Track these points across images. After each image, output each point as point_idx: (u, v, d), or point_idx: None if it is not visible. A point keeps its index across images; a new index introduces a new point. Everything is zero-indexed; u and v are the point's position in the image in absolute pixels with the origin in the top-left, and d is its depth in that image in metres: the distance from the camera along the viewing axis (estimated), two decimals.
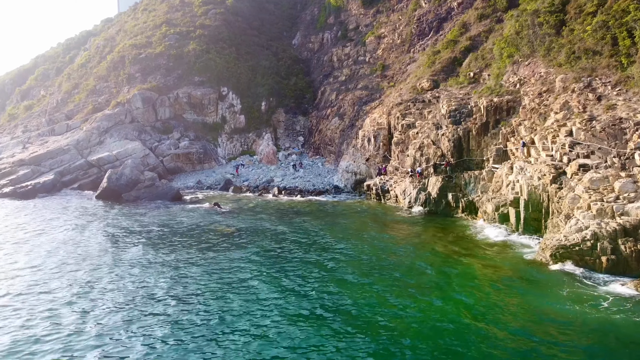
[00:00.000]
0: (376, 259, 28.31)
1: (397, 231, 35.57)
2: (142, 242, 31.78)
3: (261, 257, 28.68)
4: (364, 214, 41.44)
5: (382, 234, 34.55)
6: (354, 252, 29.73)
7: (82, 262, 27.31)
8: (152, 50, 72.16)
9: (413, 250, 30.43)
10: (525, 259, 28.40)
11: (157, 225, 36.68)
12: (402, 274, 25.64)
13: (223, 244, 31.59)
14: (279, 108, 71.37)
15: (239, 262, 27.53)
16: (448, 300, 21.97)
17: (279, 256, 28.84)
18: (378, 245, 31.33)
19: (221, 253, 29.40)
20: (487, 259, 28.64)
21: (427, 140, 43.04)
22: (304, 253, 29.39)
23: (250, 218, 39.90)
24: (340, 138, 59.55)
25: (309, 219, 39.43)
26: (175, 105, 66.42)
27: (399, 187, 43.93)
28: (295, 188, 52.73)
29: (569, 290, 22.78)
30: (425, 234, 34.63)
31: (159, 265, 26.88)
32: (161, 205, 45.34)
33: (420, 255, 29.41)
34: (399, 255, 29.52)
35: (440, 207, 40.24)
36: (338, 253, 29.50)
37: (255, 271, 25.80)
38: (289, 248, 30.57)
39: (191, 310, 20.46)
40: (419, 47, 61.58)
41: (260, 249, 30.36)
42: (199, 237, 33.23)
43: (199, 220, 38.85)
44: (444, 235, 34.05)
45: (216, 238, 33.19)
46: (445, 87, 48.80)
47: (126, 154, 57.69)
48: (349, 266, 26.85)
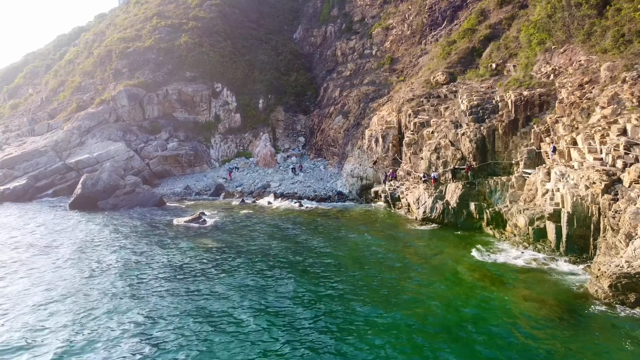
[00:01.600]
0: (389, 291, 22.59)
1: (411, 250, 29.77)
2: (98, 268, 26.18)
3: (245, 287, 23.02)
4: (372, 227, 35.66)
5: (394, 254, 28.77)
6: (361, 282, 23.97)
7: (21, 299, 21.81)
8: (141, 44, 66.73)
9: (432, 277, 24.67)
10: (573, 290, 22.69)
11: (126, 243, 31.09)
12: (424, 312, 19.99)
13: (202, 267, 25.95)
14: (278, 106, 65.70)
15: (219, 295, 21.91)
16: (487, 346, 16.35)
17: (267, 286, 23.15)
18: (390, 271, 25.58)
19: (199, 280, 23.76)
20: (525, 289, 22.95)
21: (445, 141, 37.22)
22: (297, 281, 23.67)
23: (239, 231, 34.23)
24: (345, 138, 53.80)
25: (308, 234, 33.72)
26: (164, 102, 60.92)
27: (412, 195, 38.14)
28: (293, 194, 47.02)
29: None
30: (444, 254, 28.82)
31: (117, 298, 21.28)
32: (140, 215, 39.73)
33: (441, 284, 23.69)
34: (417, 282, 23.81)
35: (461, 218, 34.44)
36: (340, 282, 23.78)
37: (237, 308, 20.13)
38: (281, 274, 24.87)
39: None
40: (432, 38, 55.75)
41: (246, 275, 24.71)
42: (174, 259, 27.58)
43: (179, 235, 33.25)
44: (467, 254, 28.30)
45: (195, 259, 27.54)
46: (463, 80, 42.96)
47: (108, 156, 52.25)
48: (355, 302, 21.15)
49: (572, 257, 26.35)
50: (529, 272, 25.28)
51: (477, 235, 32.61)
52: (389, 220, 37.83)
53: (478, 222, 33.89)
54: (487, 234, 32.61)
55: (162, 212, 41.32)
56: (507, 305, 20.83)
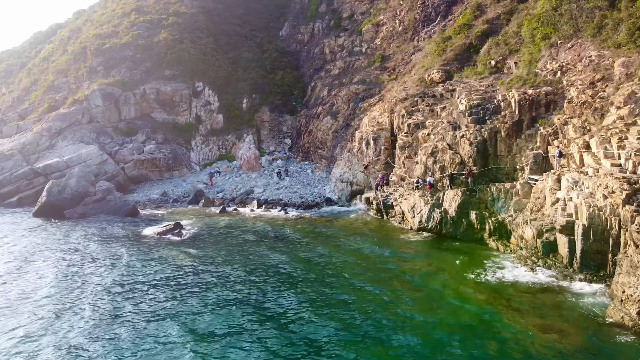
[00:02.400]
0: (382, 319, 19.48)
1: (406, 265, 26.72)
2: (50, 290, 22.72)
3: (219, 309, 19.75)
4: (362, 239, 32.55)
5: (388, 272, 25.71)
6: (350, 308, 20.81)
7: None
8: (118, 41, 62.91)
9: (431, 300, 21.63)
10: (594, 316, 19.94)
11: (88, 258, 27.62)
12: (424, 347, 16.95)
13: (172, 285, 22.65)
14: (263, 106, 62.30)
15: (187, 316, 18.65)
16: None
17: (244, 307, 19.93)
18: (384, 293, 22.49)
19: (168, 304, 20.44)
20: (540, 316, 20.09)
21: (442, 144, 34.24)
22: (276, 303, 20.43)
23: (216, 245, 30.91)
24: (334, 140, 50.65)
25: (292, 246, 30.51)
26: (141, 102, 57.23)
27: (407, 203, 35.09)
28: (278, 201, 43.73)
29: None
30: (444, 270, 25.84)
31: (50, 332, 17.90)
32: (108, 225, 36.20)
33: (443, 309, 20.72)
34: (414, 307, 20.76)
35: (460, 229, 31.50)
36: (327, 306, 20.62)
37: (207, 333, 16.85)
38: (259, 295, 21.65)
39: None
40: (425, 34, 52.83)
41: (221, 293, 21.44)
42: (141, 276, 24.21)
43: (150, 248, 29.85)
44: (469, 271, 25.36)
45: (164, 277, 24.20)
46: (460, 78, 40.05)
47: (79, 160, 48.48)
48: (346, 332, 18.00)
49: (588, 274, 23.53)
50: (540, 293, 22.45)
51: (478, 248, 29.73)
52: (381, 230, 34.76)
53: (479, 232, 30.98)
54: (490, 247, 29.73)
55: (134, 221, 37.80)
56: (522, 337, 17.91)
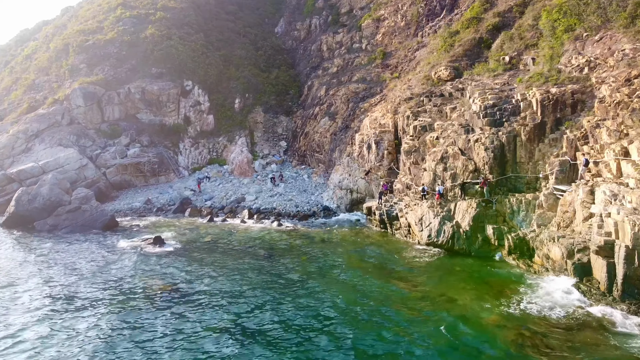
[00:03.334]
0: None
1: (417, 291, 23.08)
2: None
3: (197, 341, 16.13)
4: (364, 255, 28.92)
5: (394, 300, 22.07)
6: (346, 347, 17.15)
7: None
8: (102, 37, 59.09)
9: (448, 338, 17.97)
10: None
11: (45, 278, 23.88)
12: None
13: (146, 318, 18.94)
14: (257, 106, 58.59)
15: (158, 347, 15.03)
16: None
17: (224, 338, 16.28)
18: (389, 328, 18.84)
19: (136, 333, 16.72)
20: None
21: (453, 149, 30.63)
22: (262, 335, 16.80)
23: (199, 263, 27.20)
24: (332, 143, 47.00)
25: (284, 266, 26.82)
26: (126, 102, 53.46)
27: (414, 214, 31.47)
28: (272, 210, 40.03)
29: None
30: (459, 297, 22.21)
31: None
32: (80, 240, 32.46)
33: (462, 351, 17.11)
34: (428, 349, 17.12)
35: (475, 245, 27.97)
36: (318, 348, 16.93)
37: None
38: (243, 325, 17.96)
39: None
40: (429, 29, 49.25)
41: (198, 325, 17.75)
42: (107, 303, 20.50)
43: (122, 268, 26.12)
44: (488, 298, 21.83)
45: (137, 304, 20.49)
46: (471, 75, 36.45)
47: (56, 165, 44.71)
48: None
49: (632, 305, 19.95)
50: (576, 329, 18.88)
51: (497, 268, 26.13)
52: (385, 245, 31.11)
53: (497, 249, 27.45)
54: (510, 266, 26.16)
55: (111, 234, 34.05)
56: None
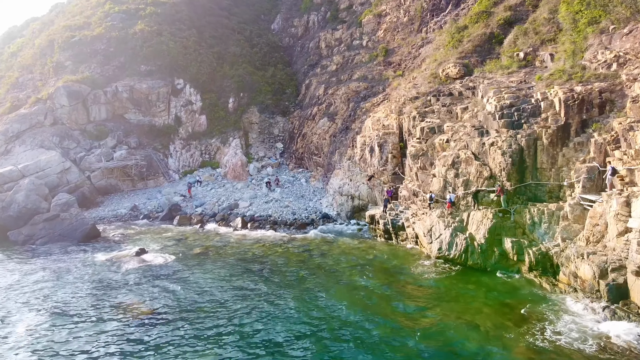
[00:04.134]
0: None
1: (427, 312, 20.34)
2: None
3: None
4: (367, 272, 26.15)
5: (403, 325, 19.31)
6: None
7: None
8: (89, 33, 56.19)
9: None
10: None
11: (9, 300, 21.02)
12: None
13: (118, 353, 16.15)
14: (252, 106, 55.79)
15: None
16: None
17: None
18: (402, 354, 16.15)
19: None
20: None
21: (465, 153, 27.90)
22: None
23: (186, 281, 24.40)
24: (331, 146, 44.22)
25: (281, 282, 24.05)
26: (113, 102, 50.56)
27: (422, 224, 28.75)
28: (267, 218, 37.23)
29: None
30: (479, 323, 19.48)
31: None
32: (56, 252, 29.59)
33: None
34: None
35: (492, 259, 25.25)
36: None
37: None
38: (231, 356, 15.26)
39: None
40: (434, 25, 46.55)
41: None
42: (75, 335, 17.63)
43: (98, 288, 23.27)
44: (512, 325, 19.13)
45: (109, 334, 17.64)
46: (482, 73, 33.76)
47: (37, 169, 41.79)
48: None
49: None
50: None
51: (517, 287, 23.43)
52: (391, 258, 28.34)
53: (516, 265, 24.74)
54: (531, 284, 23.46)
55: (90, 246, 31.19)
56: None
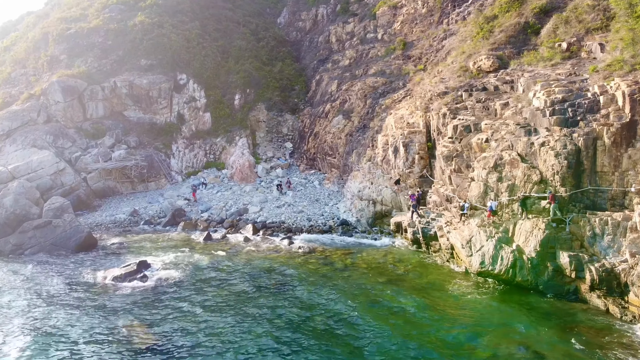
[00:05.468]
0: None
1: (484, 341, 17.16)
2: None
3: None
4: (400, 288, 22.97)
5: (458, 355, 16.20)
6: None
7: None
8: (85, 25, 52.83)
9: None
10: None
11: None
12: None
13: None
14: (259, 103, 52.51)
15: None
16: None
17: None
18: None
19: None
20: None
21: (510, 154, 24.69)
22: None
23: (195, 299, 21.17)
24: (347, 146, 40.97)
25: (303, 304, 20.84)
26: (112, 98, 47.22)
27: (458, 234, 25.55)
28: (280, 224, 33.98)
29: None
30: (545, 349, 16.36)
31: None
32: (45, 265, 26.29)
33: None
34: None
35: (544, 276, 22.16)
36: None
37: None
38: None
39: None
40: (456, 16, 43.35)
41: None
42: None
43: (88, 315, 19.99)
44: (586, 358, 15.92)
45: None
46: (519, 65, 30.56)
47: (28, 170, 38.46)
48: None
49: None
50: None
51: (577, 309, 20.34)
52: (424, 273, 25.14)
53: (573, 282, 21.60)
54: (595, 307, 20.34)
55: (84, 258, 27.91)
56: None
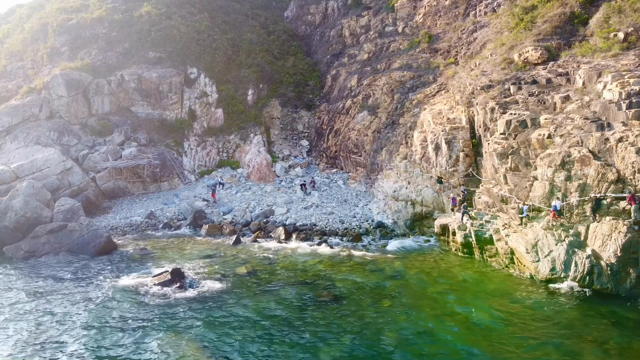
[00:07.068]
0: None
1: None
2: None
3: None
4: (466, 297, 20.92)
5: None
6: None
7: None
8: (88, 15, 49.94)
9: None
10: None
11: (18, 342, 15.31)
12: None
13: None
14: (273, 99, 50.17)
15: None
16: None
17: None
18: None
19: None
20: None
21: (580, 151, 22.80)
22: None
23: (243, 312, 18.82)
24: (375, 143, 38.81)
25: (367, 317, 18.59)
26: (118, 92, 44.46)
27: (520, 237, 23.59)
28: (312, 227, 31.74)
29: None
30: None
31: None
32: (67, 272, 23.68)
33: None
34: None
35: (626, 283, 20.34)
36: None
37: None
38: None
39: None
40: (485, 7, 41.49)
41: None
42: None
43: (136, 324, 17.57)
44: None
45: None
46: (572, 57, 28.74)
47: (33, 169, 35.63)
48: None
49: None
50: None
51: None
52: (485, 281, 23.10)
53: None
54: None
55: (107, 264, 25.34)
56: None
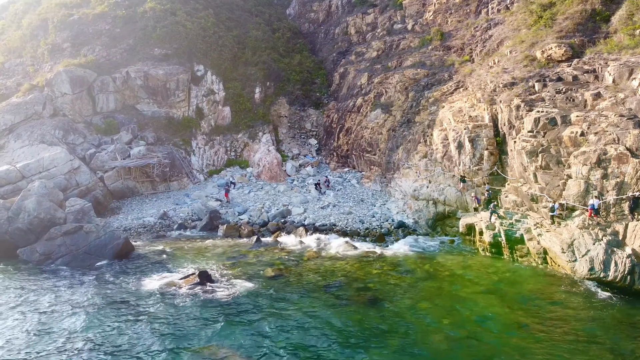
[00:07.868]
0: None
1: None
2: None
3: None
4: (504, 300, 20.45)
5: None
6: None
7: None
8: (90, 11, 48.65)
9: None
10: None
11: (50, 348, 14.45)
12: None
13: None
14: (280, 97, 49.40)
15: None
16: None
17: None
18: None
19: None
20: None
21: (617, 149, 22.44)
22: None
23: (280, 315, 18.09)
24: (390, 142, 38.22)
25: (409, 320, 17.98)
26: (124, 90, 43.28)
27: (555, 237, 23.18)
28: (331, 227, 31.07)
29: None
30: None
31: None
32: (88, 276, 22.74)
33: None
34: None
35: None
36: None
37: None
38: None
39: None
40: (497, 4, 41.19)
41: None
42: None
43: (169, 328, 16.77)
44: None
45: None
46: (598, 54, 28.44)
47: (40, 168, 34.46)
48: None
49: None
50: None
51: None
52: (519, 281, 22.65)
53: None
54: None
55: (127, 267, 24.43)
56: None
